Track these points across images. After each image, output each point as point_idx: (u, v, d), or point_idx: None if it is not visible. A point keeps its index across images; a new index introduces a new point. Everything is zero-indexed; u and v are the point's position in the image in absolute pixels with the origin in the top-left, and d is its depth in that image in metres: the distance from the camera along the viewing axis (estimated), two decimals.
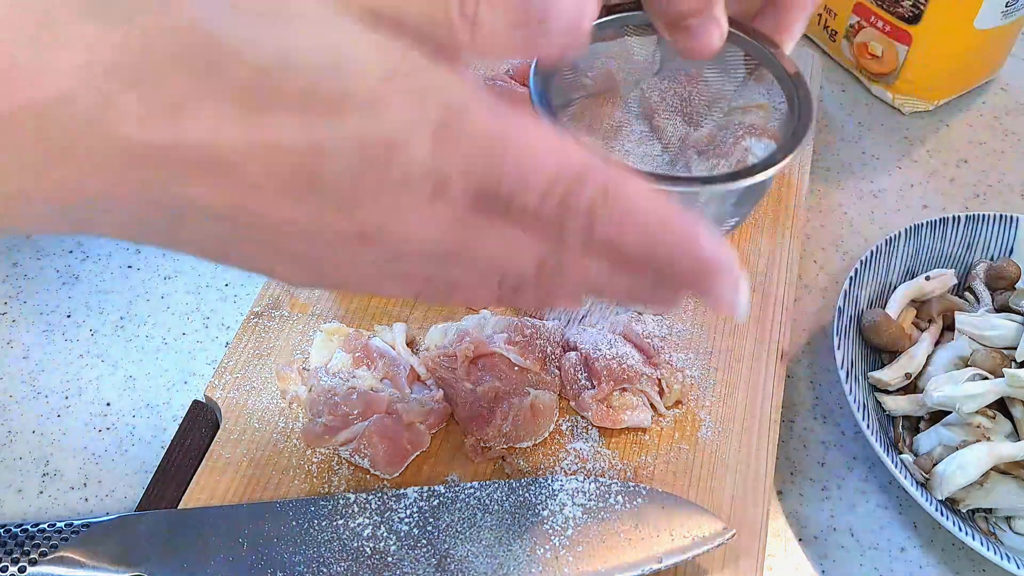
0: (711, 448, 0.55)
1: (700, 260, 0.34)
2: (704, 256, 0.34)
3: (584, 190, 0.31)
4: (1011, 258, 0.63)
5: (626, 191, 0.32)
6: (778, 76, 0.43)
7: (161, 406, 0.58)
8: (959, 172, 0.75)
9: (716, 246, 0.34)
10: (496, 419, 0.53)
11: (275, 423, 0.54)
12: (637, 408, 0.55)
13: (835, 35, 0.80)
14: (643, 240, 0.33)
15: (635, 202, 0.32)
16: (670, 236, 0.33)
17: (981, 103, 0.81)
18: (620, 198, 0.32)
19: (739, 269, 0.35)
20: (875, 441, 0.52)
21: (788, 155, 0.41)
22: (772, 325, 0.60)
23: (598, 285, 0.35)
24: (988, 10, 0.71)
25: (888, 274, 0.62)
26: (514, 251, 0.33)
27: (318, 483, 0.52)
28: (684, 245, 0.33)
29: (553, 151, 0.31)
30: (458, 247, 0.32)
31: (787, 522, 0.55)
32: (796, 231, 0.66)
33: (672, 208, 0.33)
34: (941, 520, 0.50)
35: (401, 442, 0.52)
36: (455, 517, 0.49)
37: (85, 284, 0.64)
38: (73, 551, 0.46)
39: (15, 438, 0.57)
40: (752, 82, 0.45)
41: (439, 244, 0.32)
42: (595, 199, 0.32)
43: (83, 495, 0.54)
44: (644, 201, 0.33)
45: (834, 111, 0.79)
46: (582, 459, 0.54)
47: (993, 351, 0.57)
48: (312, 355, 0.57)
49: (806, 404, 0.61)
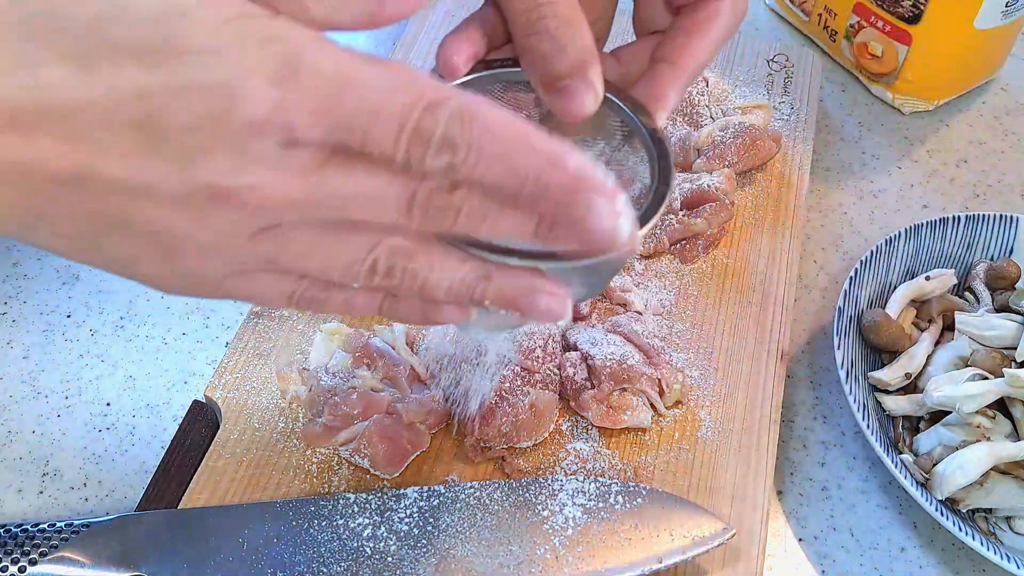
0: (711, 448, 0.55)
1: (569, 177, 0.32)
2: (572, 172, 0.32)
3: (437, 117, 0.30)
4: (1011, 258, 0.63)
5: (482, 115, 0.31)
6: (645, 146, 0.42)
7: (161, 406, 0.58)
8: (959, 172, 0.75)
9: (584, 163, 0.32)
10: (496, 419, 0.53)
11: (275, 423, 0.54)
12: (637, 408, 0.55)
13: (835, 35, 0.80)
14: (507, 163, 0.32)
15: (493, 125, 0.31)
16: (534, 156, 0.32)
17: (981, 103, 0.81)
18: (477, 122, 0.31)
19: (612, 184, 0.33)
20: (875, 441, 0.52)
21: None
22: (772, 325, 0.60)
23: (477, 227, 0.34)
24: (988, 10, 0.71)
25: (888, 274, 0.62)
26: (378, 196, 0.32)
27: (318, 483, 0.52)
28: (550, 163, 0.32)
29: (402, 84, 0.30)
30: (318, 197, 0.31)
31: (787, 522, 0.55)
32: (796, 231, 0.66)
33: (532, 129, 0.32)
34: (941, 520, 0.50)
35: (401, 442, 0.52)
36: (455, 517, 0.49)
37: (85, 284, 0.64)
38: (73, 551, 0.46)
39: (15, 438, 0.57)
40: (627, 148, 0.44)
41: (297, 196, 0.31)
42: (451, 125, 0.30)
43: (83, 495, 0.55)
44: (502, 124, 0.31)
45: (834, 111, 0.79)
46: (582, 459, 0.54)
47: (993, 351, 0.57)
48: (312, 355, 0.57)
49: (806, 404, 0.61)
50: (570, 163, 0.32)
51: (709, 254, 0.64)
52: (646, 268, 0.63)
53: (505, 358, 0.55)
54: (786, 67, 0.77)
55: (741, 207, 0.67)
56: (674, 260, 0.64)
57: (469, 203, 0.33)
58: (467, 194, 0.33)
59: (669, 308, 0.61)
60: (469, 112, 0.31)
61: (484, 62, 0.42)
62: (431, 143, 0.31)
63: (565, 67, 0.39)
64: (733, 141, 0.67)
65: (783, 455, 0.58)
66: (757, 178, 0.69)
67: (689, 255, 0.64)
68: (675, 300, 0.62)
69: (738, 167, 0.67)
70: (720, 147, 0.67)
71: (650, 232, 0.39)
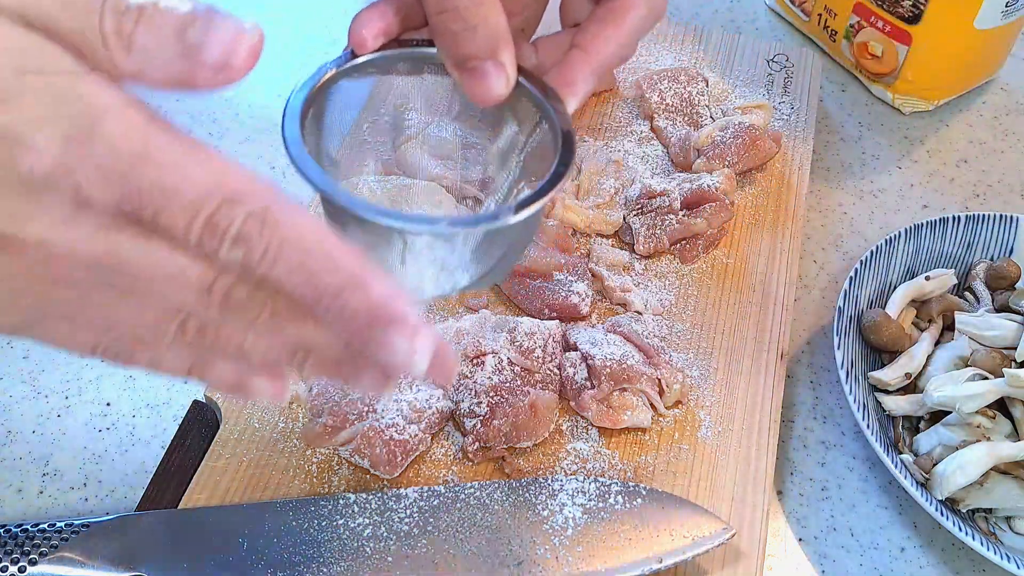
0: (711, 448, 0.55)
1: (370, 305, 0.31)
2: (374, 300, 0.31)
3: (236, 212, 0.29)
4: (1011, 258, 0.63)
5: (289, 220, 0.30)
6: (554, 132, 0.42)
7: (161, 406, 0.58)
8: (959, 172, 0.75)
9: (389, 291, 0.31)
10: (496, 419, 0.53)
11: (275, 423, 0.54)
12: (637, 408, 0.55)
13: (835, 35, 0.80)
14: (305, 274, 0.30)
15: (298, 232, 0.30)
16: (336, 274, 0.30)
17: (981, 103, 0.81)
18: (281, 226, 0.30)
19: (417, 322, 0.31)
20: (875, 441, 0.52)
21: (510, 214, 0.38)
22: (772, 325, 0.60)
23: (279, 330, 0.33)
24: (988, 10, 0.71)
25: (888, 274, 0.62)
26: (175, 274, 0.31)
27: (318, 483, 0.52)
28: (352, 285, 0.30)
29: (205, 170, 0.29)
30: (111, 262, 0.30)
31: (787, 522, 0.55)
32: (796, 231, 0.66)
33: (342, 246, 0.31)
34: (941, 520, 0.50)
35: (401, 442, 0.52)
36: (455, 517, 0.49)
37: None
38: (73, 551, 0.46)
39: (15, 438, 0.57)
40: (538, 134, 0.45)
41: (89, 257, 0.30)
42: (248, 223, 0.29)
43: (83, 495, 0.55)
44: (309, 233, 0.30)
45: (834, 111, 0.79)
46: (582, 459, 0.54)
47: (993, 351, 0.57)
48: None
49: (806, 404, 0.61)
50: (372, 289, 0.31)
51: (709, 254, 0.64)
52: (646, 268, 0.63)
53: None
54: (786, 67, 0.77)
55: (741, 207, 0.67)
56: (674, 260, 0.64)
57: (274, 304, 0.32)
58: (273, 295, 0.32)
59: (669, 308, 0.61)
60: (272, 214, 0.30)
61: (399, 41, 0.43)
62: (225, 237, 0.30)
63: (474, 48, 0.39)
64: (733, 141, 0.67)
65: (783, 455, 0.58)
66: (757, 178, 0.69)
67: (689, 255, 0.64)
68: (675, 300, 0.62)
69: (738, 167, 0.67)
70: (720, 147, 0.67)
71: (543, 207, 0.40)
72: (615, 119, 0.73)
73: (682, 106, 0.71)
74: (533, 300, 0.59)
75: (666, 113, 0.71)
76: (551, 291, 0.59)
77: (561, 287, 0.59)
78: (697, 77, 0.73)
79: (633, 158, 0.69)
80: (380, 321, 0.31)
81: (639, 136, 0.72)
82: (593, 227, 0.65)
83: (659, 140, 0.71)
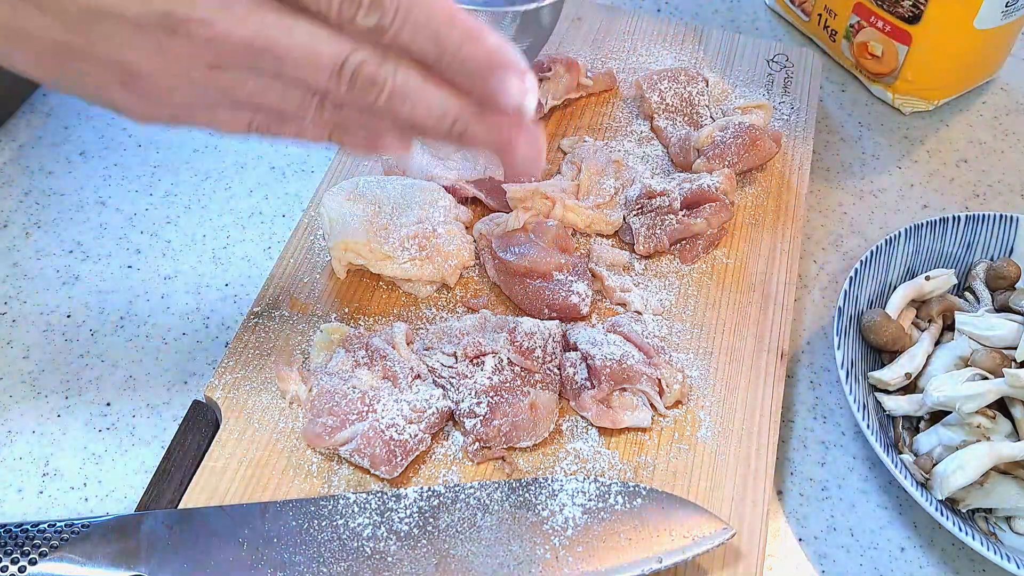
0: (711, 448, 0.55)
1: (487, 52, 0.37)
2: (489, 48, 0.37)
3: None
4: (1011, 258, 0.63)
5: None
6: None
7: (161, 406, 0.58)
8: (959, 172, 0.75)
9: (500, 42, 0.37)
10: (496, 419, 0.53)
11: (275, 423, 0.54)
12: (637, 408, 0.55)
13: (835, 35, 0.80)
14: (431, 31, 0.36)
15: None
16: (456, 29, 0.36)
17: (981, 103, 0.81)
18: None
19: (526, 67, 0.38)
20: (875, 441, 0.52)
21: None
22: (772, 325, 0.60)
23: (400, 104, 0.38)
24: (988, 10, 0.71)
25: (888, 274, 0.62)
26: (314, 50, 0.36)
27: (318, 483, 0.52)
28: (469, 37, 0.37)
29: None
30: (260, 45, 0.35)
31: (787, 522, 0.55)
32: (796, 231, 0.66)
33: (459, 7, 0.37)
34: (941, 520, 0.50)
35: (401, 442, 0.52)
36: (455, 517, 0.49)
37: (85, 284, 0.64)
38: (73, 551, 0.46)
39: (15, 438, 0.57)
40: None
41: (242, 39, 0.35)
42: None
43: (83, 495, 0.54)
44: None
45: (834, 111, 0.79)
46: (582, 459, 0.54)
47: (993, 351, 0.57)
48: (312, 355, 0.57)
49: (806, 404, 0.61)
50: (487, 40, 0.37)
51: (709, 254, 0.64)
52: (646, 268, 0.63)
53: None
54: (786, 67, 0.77)
55: (741, 207, 0.67)
56: (674, 260, 0.64)
57: (395, 79, 0.38)
58: (394, 70, 0.37)
59: (669, 308, 0.61)
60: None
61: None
62: (362, 3, 0.35)
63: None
64: (733, 141, 0.67)
65: (783, 455, 0.58)
66: (757, 178, 0.69)
67: (689, 255, 0.64)
68: (675, 300, 0.62)
69: (738, 167, 0.67)
70: (720, 147, 0.67)
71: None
72: (615, 119, 0.73)
73: (682, 106, 0.71)
74: (533, 300, 0.59)
75: (666, 113, 0.71)
76: (551, 291, 0.59)
77: (561, 287, 0.59)
78: (697, 77, 0.73)
79: (633, 158, 0.69)
80: (497, 66, 0.37)
81: (639, 136, 0.72)
82: (593, 227, 0.65)
83: (659, 140, 0.71)
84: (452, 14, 0.36)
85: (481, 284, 0.62)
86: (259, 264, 0.66)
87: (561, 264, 0.60)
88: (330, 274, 0.62)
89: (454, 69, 0.37)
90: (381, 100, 0.38)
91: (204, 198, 0.69)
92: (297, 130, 0.40)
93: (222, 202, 0.69)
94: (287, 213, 0.69)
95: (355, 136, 0.41)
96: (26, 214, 0.67)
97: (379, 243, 0.60)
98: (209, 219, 0.68)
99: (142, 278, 0.65)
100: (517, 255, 0.60)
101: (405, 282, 0.61)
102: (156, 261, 0.66)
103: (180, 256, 0.66)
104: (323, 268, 0.62)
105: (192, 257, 0.66)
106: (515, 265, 0.59)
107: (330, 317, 0.59)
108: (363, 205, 0.61)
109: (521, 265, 0.59)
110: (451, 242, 0.61)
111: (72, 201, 0.68)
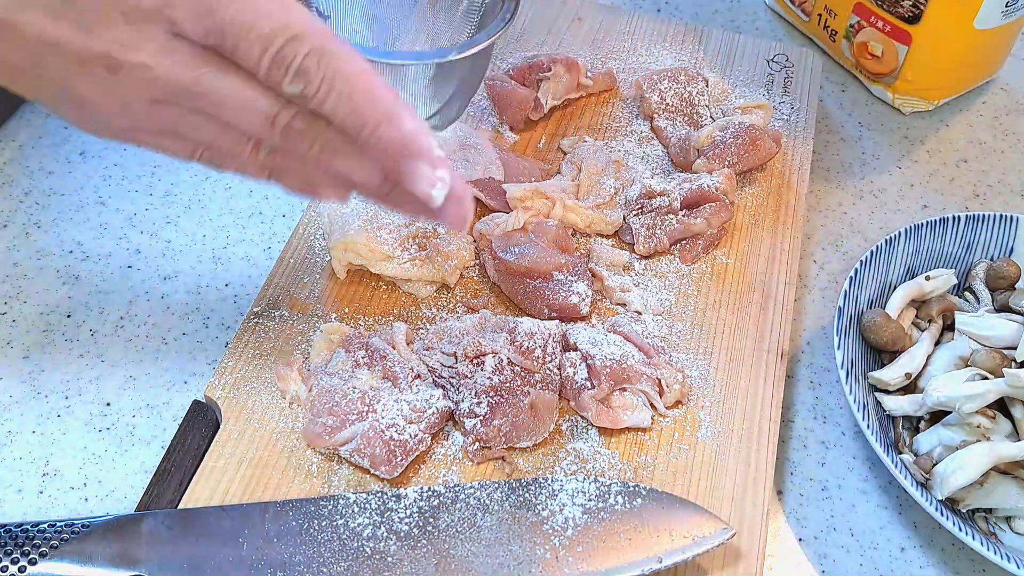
0: (711, 448, 0.55)
1: (402, 137, 0.38)
2: (405, 132, 0.38)
3: (299, 49, 0.36)
4: (1011, 258, 0.63)
5: (340, 57, 0.37)
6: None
7: (161, 406, 0.58)
8: (959, 172, 0.75)
9: (418, 127, 0.38)
10: (496, 419, 0.53)
11: (275, 423, 0.54)
12: (637, 408, 0.55)
13: (835, 35, 0.80)
14: (352, 105, 0.37)
15: (347, 69, 0.37)
16: (376, 107, 0.37)
17: (981, 103, 0.81)
18: (333, 61, 0.36)
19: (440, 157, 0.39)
20: (875, 441, 0.52)
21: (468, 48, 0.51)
22: (772, 325, 0.60)
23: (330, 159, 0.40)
24: (988, 10, 0.71)
25: (888, 274, 0.62)
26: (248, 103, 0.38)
27: (318, 483, 0.52)
28: (388, 119, 0.37)
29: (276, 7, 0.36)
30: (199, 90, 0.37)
31: (787, 522, 0.55)
32: (796, 231, 0.66)
33: (382, 83, 0.38)
34: (941, 520, 0.50)
35: (401, 442, 0.52)
36: (455, 517, 0.49)
37: (85, 284, 0.64)
38: (73, 551, 0.46)
39: (15, 438, 0.57)
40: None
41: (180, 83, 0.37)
42: (308, 59, 0.36)
43: (83, 495, 0.54)
44: (356, 69, 0.37)
45: (834, 111, 0.79)
46: (582, 459, 0.54)
47: (993, 351, 0.57)
48: (312, 355, 0.57)
49: (806, 404, 0.61)
50: (404, 124, 0.38)
51: (709, 254, 0.64)
52: (646, 268, 0.63)
53: None
54: (786, 67, 0.77)
55: (741, 207, 0.67)
56: (674, 260, 0.64)
57: (324, 136, 0.39)
58: (324, 128, 0.39)
59: (669, 308, 0.61)
60: (328, 52, 0.36)
61: None
62: (289, 70, 0.36)
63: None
64: (733, 141, 0.67)
65: (783, 455, 0.58)
66: (757, 178, 0.69)
67: (689, 255, 0.64)
68: (675, 300, 0.62)
69: (738, 167, 0.67)
70: (720, 147, 0.67)
71: (487, 49, 0.55)
72: (615, 119, 0.73)
73: (682, 106, 0.71)
74: (533, 300, 0.59)
75: (666, 113, 0.71)
76: (551, 291, 0.59)
77: (561, 287, 0.59)
78: (697, 77, 0.73)
79: (633, 158, 0.69)
80: (410, 154, 0.38)
81: (639, 136, 0.72)
82: (593, 227, 0.65)
83: (659, 140, 0.71)
84: (373, 90, 0.37)
85: (481, 284, 0.62)
86: (259, 264, 0.66)
87: (561, 264, 0.60)
88: (330, 274, 0.62)
89: (370, 146, 0.38)
90: (313, 152, 0.40)
91: (204, 198, 0.69)
92: (238, 166, 0.42)
93: (222, 202, 0.69)
94: (287, 213, 0.69)
95: (292, 180, 0.43)
96: (26, 214, 0.67)
97: (379, 243, 0.60)
98: (209, 219, 0.68)
99: (142, 278, 0.65)
100: (517, 255, 0.60)
101: (405, 282, 0.61)
102: (156, 261, 0.65)
103: (180, 256, 0.66)
104: (323, 268, 0.62)
105: (192, 257, 0.66)
106: (515, 265, 0.59)
107: (330, 317, 0.59)
108: (363, 205, 0.61)
109: (521, 265, 0.59)
110: (451, 242, 0.61)
111: (72, 201, 0.68)
